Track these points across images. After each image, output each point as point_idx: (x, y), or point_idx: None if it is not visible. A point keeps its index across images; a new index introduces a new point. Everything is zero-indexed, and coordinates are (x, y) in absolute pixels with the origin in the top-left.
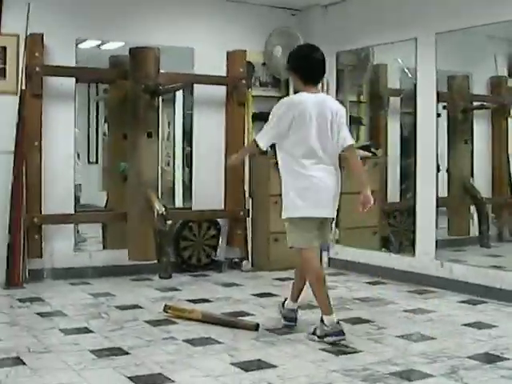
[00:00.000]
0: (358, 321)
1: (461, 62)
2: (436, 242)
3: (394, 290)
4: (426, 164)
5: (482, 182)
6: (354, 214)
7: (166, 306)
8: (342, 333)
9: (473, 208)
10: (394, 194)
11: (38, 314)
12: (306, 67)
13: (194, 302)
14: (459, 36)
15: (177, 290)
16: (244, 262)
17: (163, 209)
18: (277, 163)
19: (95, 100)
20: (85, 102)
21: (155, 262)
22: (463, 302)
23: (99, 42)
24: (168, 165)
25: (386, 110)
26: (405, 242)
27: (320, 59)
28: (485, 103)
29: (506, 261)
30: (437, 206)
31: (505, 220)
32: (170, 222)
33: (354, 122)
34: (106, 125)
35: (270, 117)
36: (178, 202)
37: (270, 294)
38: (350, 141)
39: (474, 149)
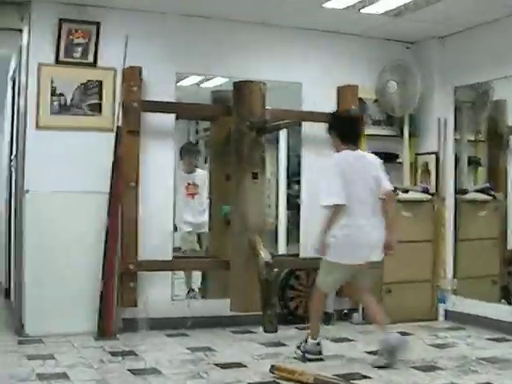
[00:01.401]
0: None
1: None
2: None
3: None
4: None
5: None
6: (473, 262)
7: (272, 366)
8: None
9: None
10: None
11: (130, 370)
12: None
13: (303, 360)
14: None
15: (283, 345)
16: (354, 315)
17: (269, 257)
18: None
19: (196, 139)
20: (183, 140)
21: (258, 313)
22: None
23: (198, 80)
24: (269, 207)
25: (506, 150)
26: None
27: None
28: None
29: None
30: None
31: None
32: (275, 271)
33: (471, 162)
34: (207, 164)
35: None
36: (281, 247)
37: None
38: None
39: None
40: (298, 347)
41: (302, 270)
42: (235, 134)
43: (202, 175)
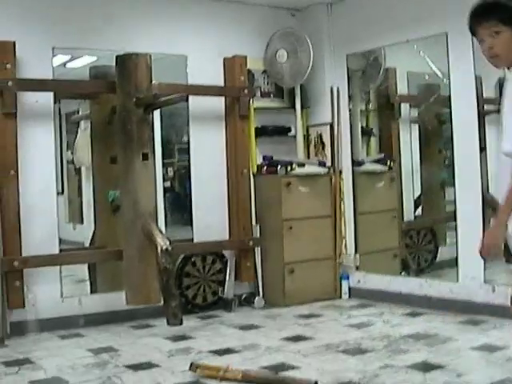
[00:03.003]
0: (426, 367)
1: None
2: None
3: (441, 322)
4: (468, 170)
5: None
6: (373, 236)
7: (192, 364)
8: None
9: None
10: (409, 212)
11: (31, 382)
12: None
13: (218, 353)
14: None
15: (190, 337)
16: (256, 299)
17: (168, 243)
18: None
19: (73, 121)
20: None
21: (156, 305)
22: None
23: (65, 60)
24: None
25: (397, 119)
26: (423, 264)
27: None
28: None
29: None
30: (483, 220)
31: None
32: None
33: (364, 133)
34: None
35: None
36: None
37: (302, 338)
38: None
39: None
40: None
41: (197, 256)
42: (121, 112)
43: None
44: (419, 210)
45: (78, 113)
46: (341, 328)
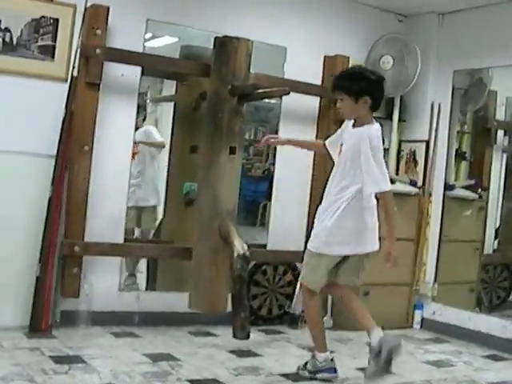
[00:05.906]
0: None
1: None
2: None
3: None
4: None
5: None
6: (453, 266)
7: None
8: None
9: None
10: (489, 245)
11: None
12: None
13: (290, 378)
14: None
15: (256, 354)
16: (325, 318)
17: (246, 248)
18: None
19: (154, 101)
20: None
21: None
22: None
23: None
24: None
25: (492, 145)
26: (495, 301)
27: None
28: None
29: None
30: None
31: None
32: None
33: (456, 156)
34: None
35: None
36: None
37: None
38: None
39: None
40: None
41: (268, 265)
42: (213, 98)
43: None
44: (495, 243)
45: (146, 95)
46: (419, 365)
